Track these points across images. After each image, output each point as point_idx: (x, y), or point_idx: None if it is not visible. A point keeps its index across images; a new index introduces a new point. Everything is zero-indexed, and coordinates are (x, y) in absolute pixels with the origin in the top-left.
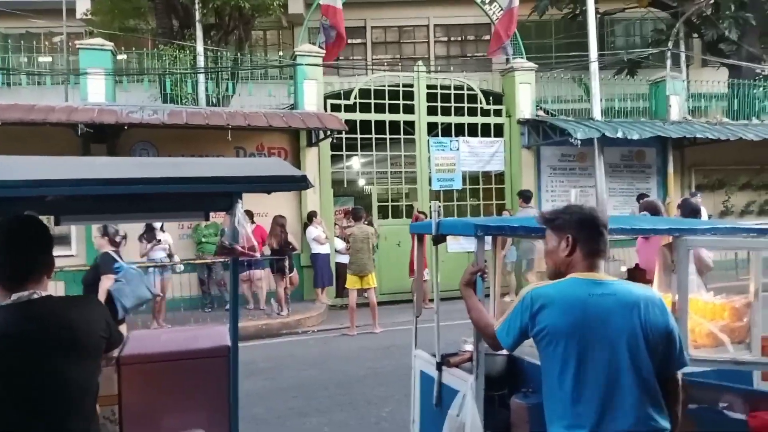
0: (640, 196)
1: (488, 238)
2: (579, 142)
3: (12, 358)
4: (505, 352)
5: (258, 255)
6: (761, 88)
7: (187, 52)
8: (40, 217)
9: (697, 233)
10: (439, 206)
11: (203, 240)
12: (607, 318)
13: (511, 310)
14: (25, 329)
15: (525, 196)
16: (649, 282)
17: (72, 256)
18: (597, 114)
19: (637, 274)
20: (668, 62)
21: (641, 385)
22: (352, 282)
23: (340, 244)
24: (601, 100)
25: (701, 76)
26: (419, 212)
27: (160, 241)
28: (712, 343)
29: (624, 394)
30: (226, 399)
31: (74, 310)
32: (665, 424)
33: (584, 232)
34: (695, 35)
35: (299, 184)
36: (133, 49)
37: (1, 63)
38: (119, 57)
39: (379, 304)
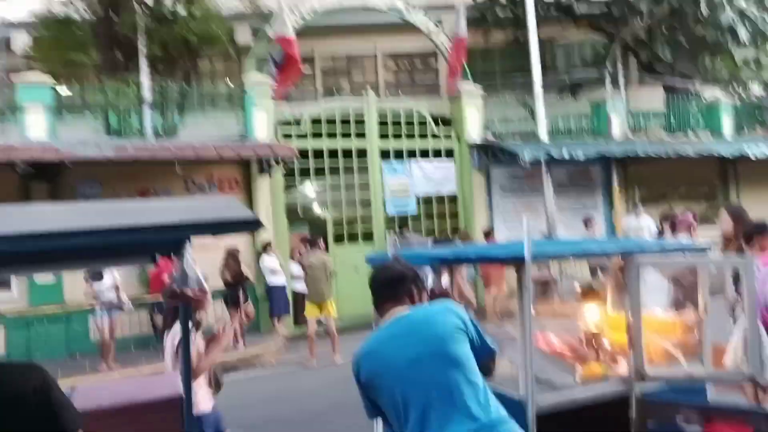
0: (587, 221)
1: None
2: (528, 164)
3: None
4: None
5: (210, 300)
6: (695, 104)
7: (132, 84)
8: None
9: (646, 253)
10: (395, 238)
11: None
12: (401, 344)
13: None
14: None
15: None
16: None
17: (13, 299)
18: (543, 135)
19: (590, 294)
20: (607, 82)
21: (467, 391)
22: (311, 311)
23: (297, 270)
24: (546, 120)
25: (639, 95)
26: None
27: (117, 286)
28: (666, 359)
29: (456, 406)
30: None
31: (6, 375)
32: (497, 414)
33: (373, 290)
34: (632, 56)
35: (251, 226)
36: (75, 83)
37: None
38: (62, 91)
39: (339, 332)
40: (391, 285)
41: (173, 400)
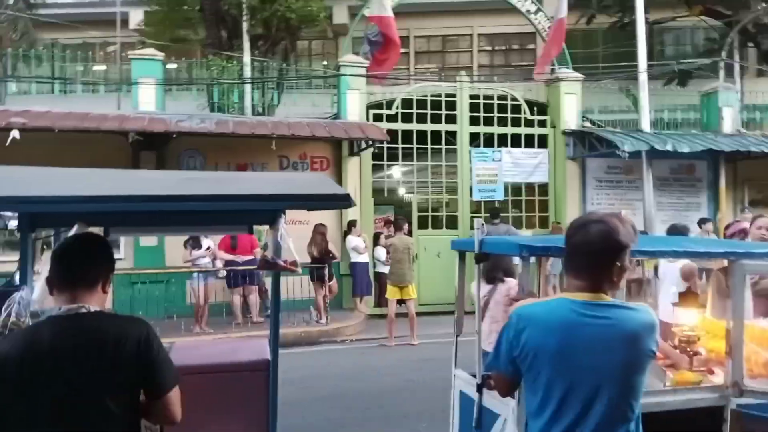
0: (702, 221)
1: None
2: (626, 154)
3: (44, 371)
4: None
5: (299, 271)
6: None
7: (235, 62)
8: (91, 228)
9: (754, 257)
10: (483, 224)
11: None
12: (596, 345)
13: (500, 333)
14: (62, 344)
15: (492, 213)
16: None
17: (121, 259)
18: (645, 125)
19: (689, 297)
20: (721, 72)
21: (627, 418)
22: (391, 292)
23: (382, 254)
24: (649, 111)
25: (757, 86)
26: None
27: (209, 248)
28: None
29: (609, 426)
30: (265, 412)
31: (112, 327)
32: None
33: (574, 252)
34: (750, 44)
35: (342, 202)
36: (183, 58)
37: (58, 72)
38: (169, 66)
39: (418, 315)
40: (609, 257)
41: (261, 363)
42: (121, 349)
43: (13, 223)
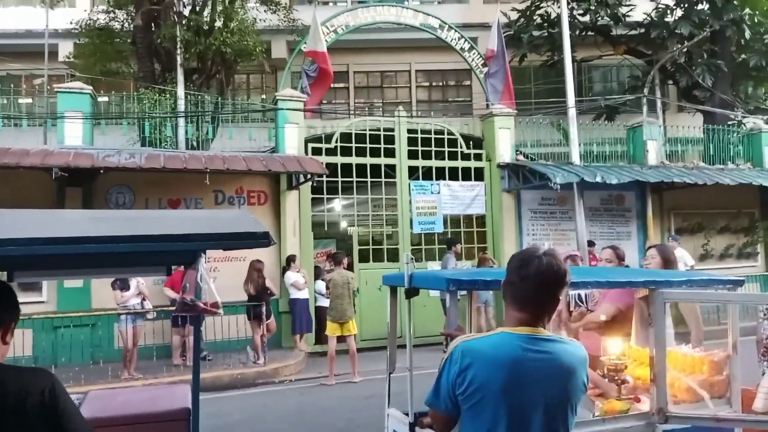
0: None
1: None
2: (558, 186)
3: None
4: None
5: (221, 312)
6: (735, 134)
7: (168, 95)
8: None
9: (672, 286)
10: (412, 258)
11: None
12: (540, 380)
13: (439, 369)
14: None
15: (448, 243)
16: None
17: (42, 302)
18: (576, 158)
19: (614, 325)
20: (645, 108)
21: None
22: (332, 329)
23: (322, 287)
24: (579, 144)
25: (677, 121)
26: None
27: (139, 291)
28: (692, 398)
29: None
30: None
31: (13, 381)
32: None
33: (522, 283)
34: (670, 82)
35: (260, 241)
36: (113, 92)
37: None
38: (100, 100)
39: (360, 350)
40: (557, 289)
41: (181, 412)
42: (24, 404)
43: None
